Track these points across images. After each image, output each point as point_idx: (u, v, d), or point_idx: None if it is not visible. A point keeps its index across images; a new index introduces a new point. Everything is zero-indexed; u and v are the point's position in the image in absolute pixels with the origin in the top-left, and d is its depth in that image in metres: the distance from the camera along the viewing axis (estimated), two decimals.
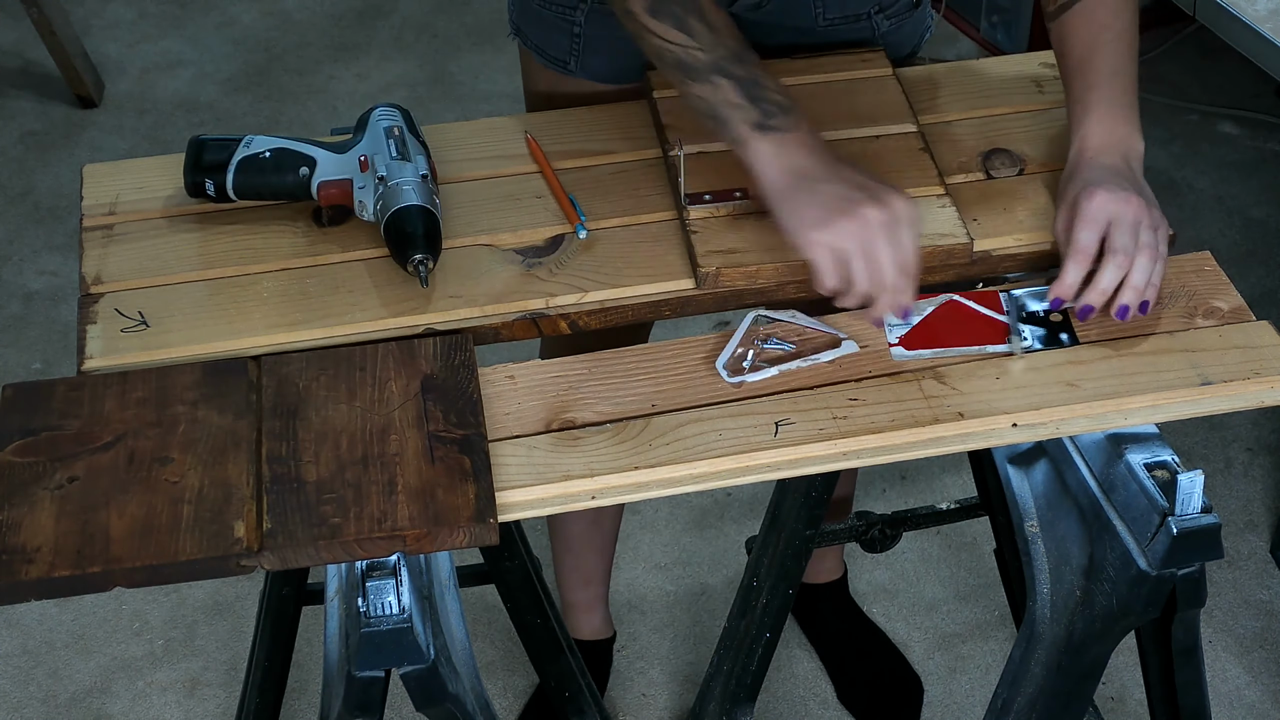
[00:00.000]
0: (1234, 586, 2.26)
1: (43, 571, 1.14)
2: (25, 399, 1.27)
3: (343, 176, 1.41)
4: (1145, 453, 1.31)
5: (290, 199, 1.44)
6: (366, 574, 1.21)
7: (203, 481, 1.20)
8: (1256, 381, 1.30)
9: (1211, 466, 2.41)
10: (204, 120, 3.15)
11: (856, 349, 1.32)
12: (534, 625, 1.57)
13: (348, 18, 3.41)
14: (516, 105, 1.73)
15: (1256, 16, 2.02)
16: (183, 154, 1.43)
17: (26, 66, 3.28)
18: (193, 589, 2.27)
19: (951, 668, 2.18)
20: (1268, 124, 3.05)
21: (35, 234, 2.90)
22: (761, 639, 1.65)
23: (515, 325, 1.36)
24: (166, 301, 1.37)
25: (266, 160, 1.42)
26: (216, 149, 1.43)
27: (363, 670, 1.25)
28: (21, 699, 2.16)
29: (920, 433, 1.27)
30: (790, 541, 1.55)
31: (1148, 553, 1.30)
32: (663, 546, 2.35)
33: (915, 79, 1.59)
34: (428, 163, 1.41)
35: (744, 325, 1.34)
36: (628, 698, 2.16)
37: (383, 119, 1.43)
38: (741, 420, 1.27)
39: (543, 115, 1.58)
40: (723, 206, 1.42)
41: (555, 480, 1.23)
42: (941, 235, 1.39)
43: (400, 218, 1.36)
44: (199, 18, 3.43)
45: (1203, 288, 1.38)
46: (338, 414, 1.25)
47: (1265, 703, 2.12)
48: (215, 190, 1.42)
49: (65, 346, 2.65)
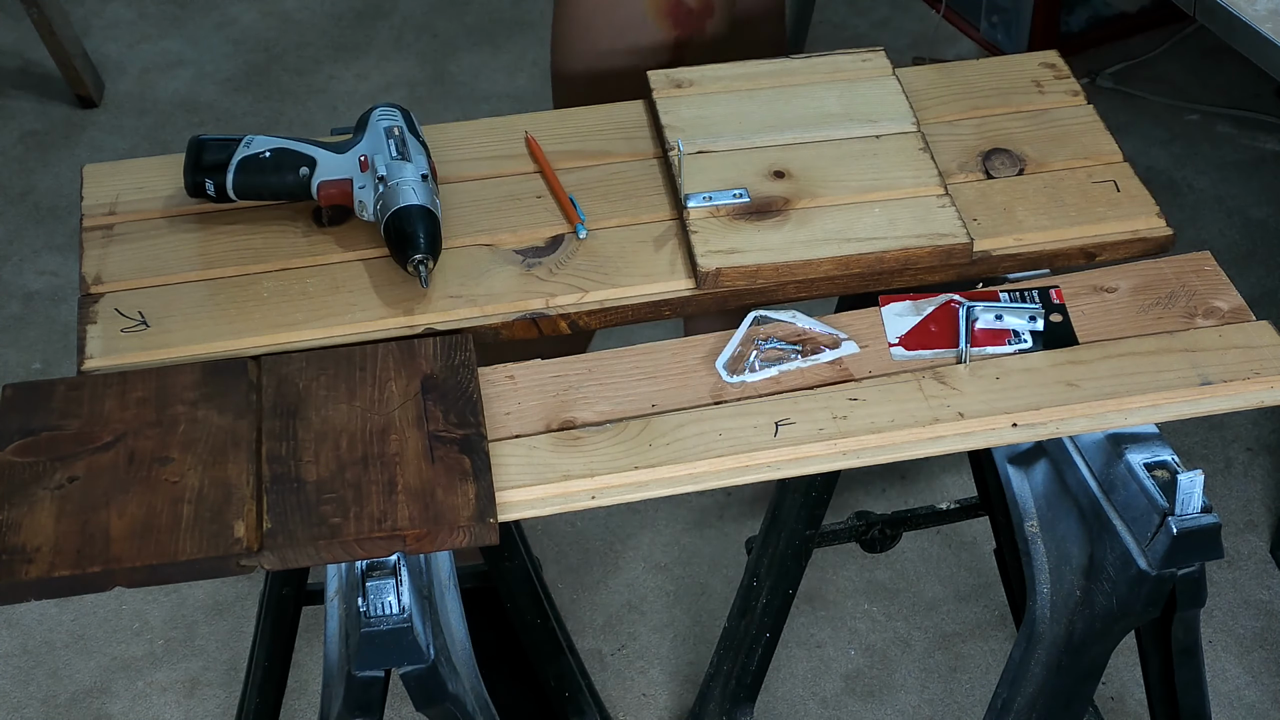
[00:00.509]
0: (1234, 586, 2.26)
1: (43, 571, 1.14)
2: (25, 399, 1.27)
3: (343, 176, 1.41)
4: (1145, 452, 1.31)
5: (290, 199, 1.44)
6: (366, 574, 1.21)
7: (203, 481, 1.20)
8: (1256, 381, 1.30)
9: (1211, 466, 2.41)
10: (204, 120, 3.15)
11: (856, 349, 1.33)
12: (533, 625, 1.58)
13: (348, 18, 3.41)
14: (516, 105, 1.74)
15: (1256, 16, 2.02)
16: (183, 154, 1.43)
17: (26, 66, 3.28)
18: (193, 589, 2.27)
19: (951, 668, 2.18)
20: (1268, 124, 3.05)
21: (35, 234, 2.90)
22: (761, 639, 1.65)
23: (515, 325, 1.36)
24: (166, 301, 1.37)
25: (266, 160, 1.42)
26: (216, 149, 1.43)
27: (363, 670, 1.25)
28: (21, 699, 2.16)
29: (920, 433, 1.27)
30: (790, 541, 1.55)
31: (1148, 552, 1.30)
32: (663, 546, 2.35)
33: (915, 79, 1.59)
34: (428, 163, 1.41)
35: (744, 325, 1.34)
36: (628, 698, 2.16)
37: (383, 119, 1.43)
38: (741, 420, 1.27)
39: (543, 115, 1.58)
40: (723, 206, 1.42)
41: (555, 480, 1.23)
42: (941, 235, 1.39)
43: (400, 218, 1.36)
44: (199, 18, 3.43)
45: (1203, 288, 1.38)
46: (338, 414, 1.25)
47: (1265, 703, 2.12)
48: (215, 190, 1.42)
49: (65, 346, 2.65)
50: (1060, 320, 1.35)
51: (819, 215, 1.42)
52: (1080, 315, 1.36)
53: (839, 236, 1.40)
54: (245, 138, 1.43)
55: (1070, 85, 1.59)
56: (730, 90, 1.56)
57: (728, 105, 1.54)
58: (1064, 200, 1.46)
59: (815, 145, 1.49)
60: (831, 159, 1.48)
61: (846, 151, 1.49)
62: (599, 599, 2.26)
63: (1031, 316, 1.34)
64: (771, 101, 1.54)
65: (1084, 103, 1.57)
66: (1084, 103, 1.57)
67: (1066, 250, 1.42)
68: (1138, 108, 3.10)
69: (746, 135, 1.50)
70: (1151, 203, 1.46)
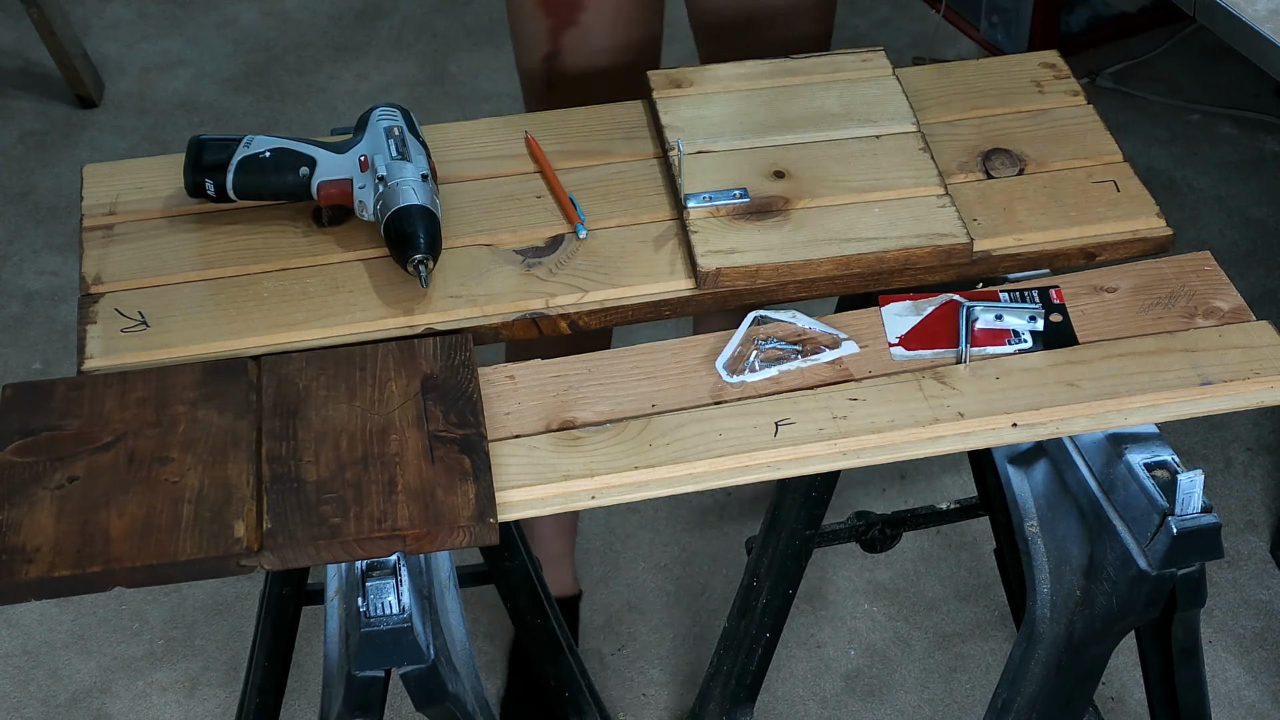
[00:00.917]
0: (1234, 586, 2.26)
1: (43, 571, 1.14)
2: (25, 399, 1.27)
3: (343, 176, 1.41)
4: (1145, 453, 1.31)
5: (291, 199, 1.44)
6: (366, 574, 1.21)
7: (203, 481, 1.20)
8: (1256, 381, 1.30)
9: (1211, 466, 2.41)
10: (204, 120, 3.15)
11: (857, 349, 1.33)
12: (534, 625, 1.58)
13: (348, 18, 3.41)
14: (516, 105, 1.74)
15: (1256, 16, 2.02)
16: (183, 154, 1.43)
17: (26, 66, 3.28)
18: (193, 589, 2.27)
19: (951, 668, 2.18)
20: (1268, 124, 3.05)
21: (35, 234, 2.90)
22: (761, 639, 1.65)
23: (515, 325, 1.36)
24: (166, 301, 1.37)
25: (267, 160, 1.42)
26: (216, 149, 1.43)
27: (363, 670, 1.25)
28: (21, 699, 2.16)
29: (920, 433, 1.27)
30: (790, 541, 1.55)
31: (1148, 553, 1.30)
32: (663, 546, 2.35)
33: (915, 79, 1.59)
34: (428, 162, 1.41)
35: (744, 325, 1.34)
36: (628, 698, 2.16)
37: (383, 119, 1.43)
38: (741, 420, 1.27)
39: (543, 115, 1.58)
40: (723, 206, 1.42)
41: (555, 480, 1.23)
42: (941, 235, 1.39)
43: (400, 218, 1.36)
44: (199, 18, 3.43)
45: (1203, 288, 1.38)
46: (338, 414, 1.25)
47: (1265, 703, 2.12)
48: (215, 190, 1.42)
49: (65, 346, 2.65)
50: (1060, 320, 1.35)
51: (819, 215, 1.42)
52: (1080, 315, 1.36)
53: (839, 237, 1.40)
54: (245, 138, 1.43)
55: (1070, 85, 1.59)
56: (730, 90, 1.56)
57: (728, 105, 1.54)
58: (1064, 200, 1.46)
59: (815, 145, 1.49)
60: (831, 159, 1.48)
61: (846, 151, 1.48)
62: (599, 599, 2.26)
63: (1031, 316, 1.34)
64: (772, 101, 1.54)
65: (1084, 103, 1.57)
66: (1084, 103, 1.57)
67: (1066, 250, 1.42)
68: (1138, 108, 3.10)
69: (746, 135, 1.50)
70: (1151, 203, 1.46)
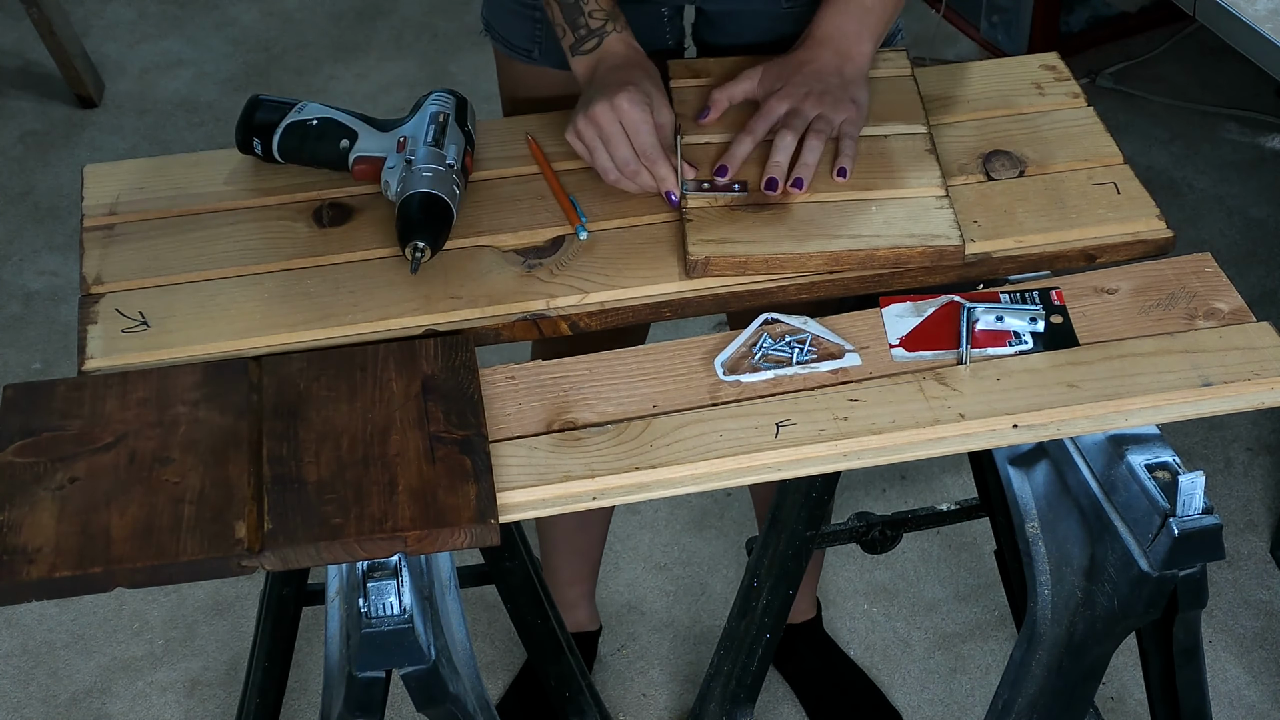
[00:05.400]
0: (1234, 586, 2.26)
1: (44, 572, 1.14)
2: (25, 399, 1.27)
3: (377, 154, 1.43)
4: (1146, 454, 1.31)
5: (330, 168, 1.46)
6: (367, 574, 1.21)
7: (203, 482, 1.20)
8: (1257, 383, 1.30)
9: (1212, 467, 2.41)
10: (204, 120, 3.15)
11: (859, 362, 1.32)
12: (534, 625, 1.57)
13: (348, 18, 3.41)
14: None
15: (1256, 16, 2.02)
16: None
17: (26, 66, 3.28)
18: (193, 589, 2.27)
19: (951, 668, 2.18)
20: (1268, 124, 3.05)
21: (35, 234, 2.90)
22: (761, 639, 1.65)
23: (516, 326, 1.36)
24: (167, 301, 1.37)
25: (312, 127, 1.45)
26: (270, 109, 1.46)
27: (363, 670, 1.25)
28: (21, 699, 2.16)
29: (921, 434, 1.27)
30: (790, 542, 1.55)
31: (1149, 554, 1.30)
32: (663, 546, 2.35)
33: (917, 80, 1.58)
34: (461, 154, 1.41)
35: (750, 327, 1.34)
36: (628, 698, 2.16)
37: (434, 104, 1.45)
38: (742, 421, 1.27)
39: (543, 116, 1.58)
40: (721, 197, 1.42)
41: (556, 481, 1.23)
42: (934, 236, 1.39)
43: (412, 201, 1.37)
44: (199, 18, 3.43)
45: (1203, 289, 1.38)
46: (338, 414, 1.25)
47: (1265, 703, 2.12)
48: (262, 149, 1.46)
49: (65, 346, 2.65)
50: (1061, 321, 1.35)
51: (816, 211, 1.42)
52: (1081, 316, 1.36)
53: (832, 232, 1.39)
54: (300, 103, 1.47)
55: (1070, 87, 1.59)
56: None
57: None
58: (1064, 202, 1.46)
59: None
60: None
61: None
62: (599, 599, 2.26)
63: (1032, 318, 1.34)
64: None
65: (1084, 104, 1.57)
66: (1084, 104, 1.57)
67: (1067, 252, 1.42)
68: (1138, 108, 3.10)
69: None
70: (1152, 204, 1.45)
